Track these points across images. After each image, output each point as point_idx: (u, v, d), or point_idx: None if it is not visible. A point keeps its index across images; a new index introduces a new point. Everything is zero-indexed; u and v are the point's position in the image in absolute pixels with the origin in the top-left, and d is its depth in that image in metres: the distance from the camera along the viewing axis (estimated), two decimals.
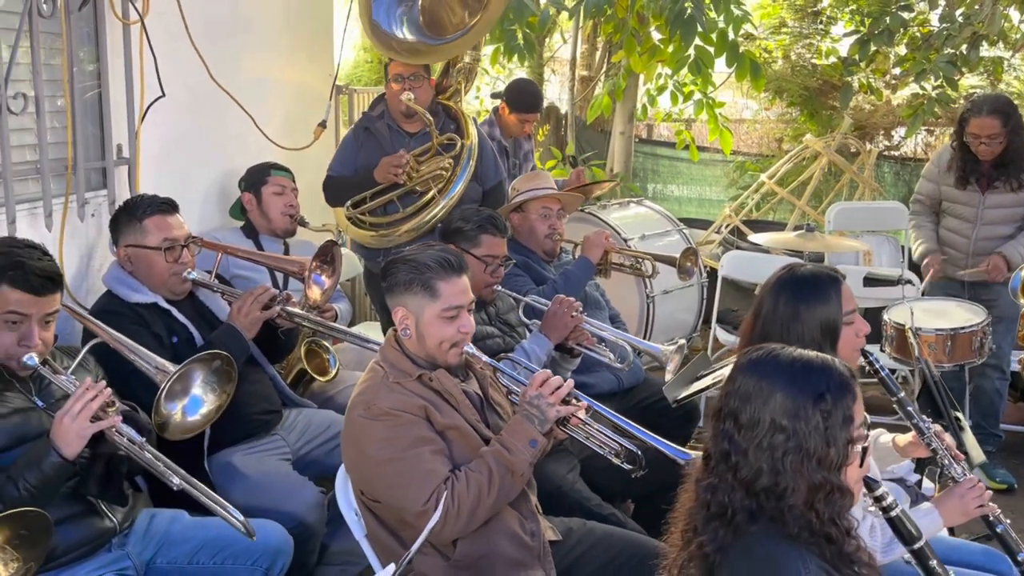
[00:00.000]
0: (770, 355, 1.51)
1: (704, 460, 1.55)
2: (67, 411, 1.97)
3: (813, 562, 1.40)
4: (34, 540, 1.66)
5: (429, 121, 3.57)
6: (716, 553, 1.46)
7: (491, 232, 3.00)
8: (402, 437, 2.03)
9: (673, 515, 1.62)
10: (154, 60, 3.01)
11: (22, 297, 2.06)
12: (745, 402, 1.47)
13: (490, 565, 2.05)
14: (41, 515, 1.65)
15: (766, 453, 1.44)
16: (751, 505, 1.45)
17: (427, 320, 2.14)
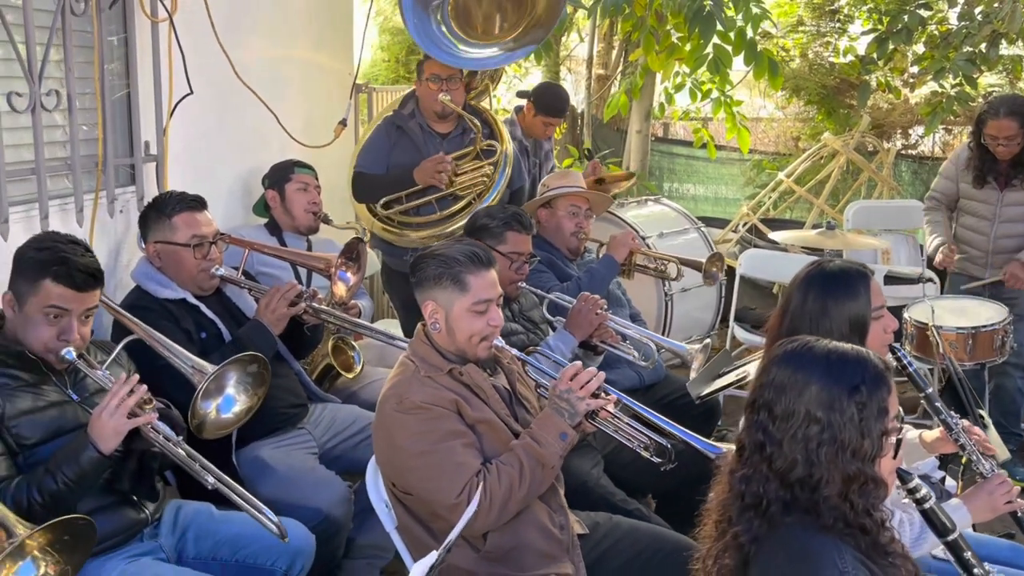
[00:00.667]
0: (805, 347, 1.52)
1: (738, 451, 1.56)
2: (105, 407, 1.99)
3: (848, 553, 1.41)
4: (75, 546, 1.67)
5: (477, 126, 3.59)
6: (751, 544, 1.47)
7: (516, 229, 3.01)
8: (434, 430, 2.05)
9: (706, 506, 1.63)
10: (182, 58, 3.04)
11: (64, 292, 2.08)
12: (780, 393, 1.48)
13: (520, 557, 2.07)
14: (88, 524, 1.66)
15: (800, 444, 1.45)
16: (785, 496, 1.46)
17: (457, 314, 2.16)
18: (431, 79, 3.66)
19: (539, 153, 4.71)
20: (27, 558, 1.63)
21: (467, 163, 3.66)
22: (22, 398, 2.07)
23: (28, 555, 1.62)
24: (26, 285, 2.09)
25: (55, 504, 1.94)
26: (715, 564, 1.51)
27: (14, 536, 1.60)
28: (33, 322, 2.09)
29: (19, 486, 1.95)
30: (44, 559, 1.65)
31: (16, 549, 1.59)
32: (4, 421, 2.02)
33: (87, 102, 2.77)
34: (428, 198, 3.58)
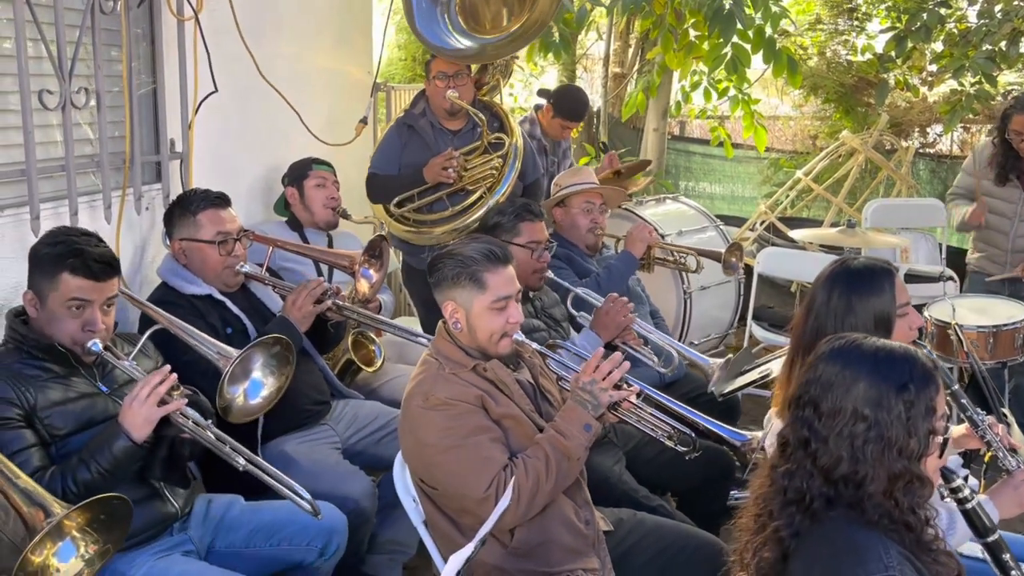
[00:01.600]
0: (853, 344, 1.52)
1: (781, 446, 1.57)
2: (135, 396, 2.02)
3: (894, 548, 1.41)
4: (112, 524, 1.70)
5: (481, 120, 3.60)
6: (792, 538, 1.48)
7: (528, 219, 3.03)
8: (461, 426, 2.06)
9: (743, 499, 1.64)
10: (207, 56, 3.07)
11: (83, 283, 2.11)
12: (827, 390, 1.48)
13: (547, 553, 2.08)
14: (123, 501, 1.69)
15: (847, 441, 1.45)
16: (829, 492, 1.46)
17: (477, 312, 2.17)
18: (438, 76, 3.68)
19: (557, 151, 4.73)
20: (66, 538, 1.65)
21: (476, 157, 3.67)
22: (53, 390, 2.10)
23: (67, 535, 1.65)
24: (45, 281, 2.12)
25: (89, 493, 1.95)
26: (754, 557, 1.52)
27: (52, 515, 1.62)
28: (57, 317, 2.12)
29: (54, 476, 1.98)
30: (83, 539, 1.68)
31: (55, 529, 1.61)
32: (36, 412, 2.05)
33: (114, 100, 2.80)
34: (439, 194, 3.60)
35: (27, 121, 2.36)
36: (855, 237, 4.03)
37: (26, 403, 2.04)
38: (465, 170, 3.56)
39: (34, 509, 1.64)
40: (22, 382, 2.06)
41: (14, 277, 2.47)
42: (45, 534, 1.60)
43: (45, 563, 1.62)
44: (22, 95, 2.34)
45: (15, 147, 2.48)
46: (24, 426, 2.03)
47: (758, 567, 1.51)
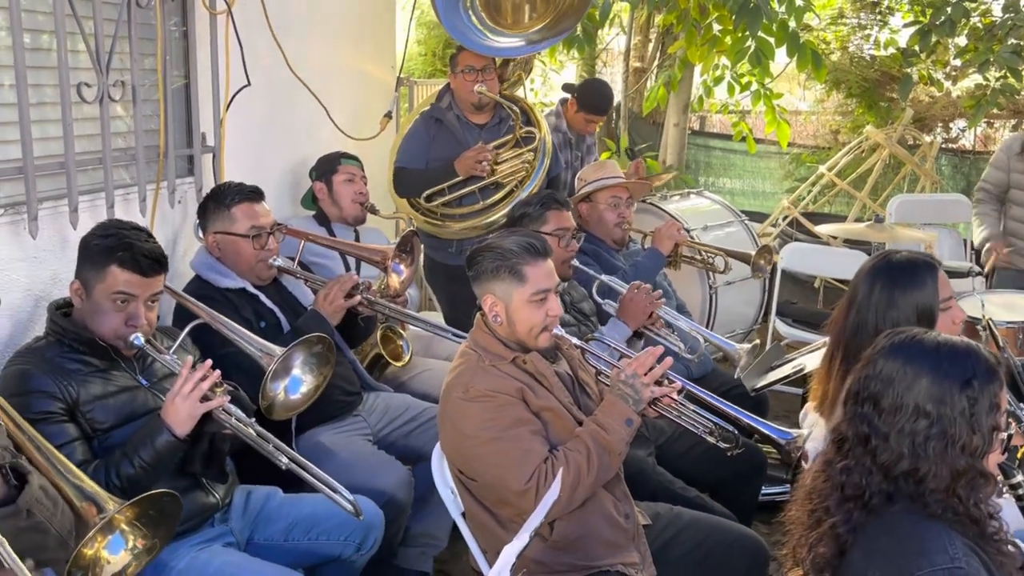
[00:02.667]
0: (914, 339, 1.50)
1: (837, 442, 1.55)
2: (178, 392, 2.03)
3: (958, 539, 1.40)
4: (161, 520, 1.70)
5: (516, 113, 3.60)
6: (849, 534, 1.47)
7: (554, 207, 3.04)
8: (501, 418, 2.06)
9: (793, 495, 1.63)
10: (240, 50, 3.07)
11: (131, 278, 2.12)
12: (887, 386, 1.47)
13: (587, 546, 2.08)
14: (174, 499, 1.69)
15: (908, 438, 1.44)
16: (889, 488, 1.45)
17: (516, 305, 2.17)
18: (466, 71, 3.68)
19: (581, 146, 4.72)
20: (116, 532, 1.66)
21: (506, 151, 3.67)
22: (94, 384, 2.11)
23: (117, 529, 1.66)
24: (93, 272, 2.13)
25: (132, 487, 1.97)
26: (809, 553, 1.51)
27: (105, 511, 1.63)
28: (101, 309, 2.12)
29: (97, 469, 1.99)
30: (132, 533, 1.68)
31: (106, 524, 1.62)
32: (79, 406, 2.06)
33: (147, 93, 2.81)
34: (471, 188, 3.59)
35: (66, 114, 2.37)
36: (882, 232, 4.02)
37: (68, 397, 2.05)
38: (497, 164, 3.56)
39: (87, 504, 1.65)
40: (64, 376, 2.06)
41: (52, 269, 2.49)
42: (98, 529, 1.60)
43: (96, 555, 1.63)
44: (61, 88, 2.35)
45: (52, 140, 2.49)
46: (67, 420, 2.04)
47: (814, 563, 1.50)
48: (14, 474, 1.67)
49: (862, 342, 2.11)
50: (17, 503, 1.61)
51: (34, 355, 2.11)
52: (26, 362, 2.08)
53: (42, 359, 2.09)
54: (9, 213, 2.33)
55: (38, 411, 1.99)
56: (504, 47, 3.61)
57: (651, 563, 2.16)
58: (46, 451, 1.75)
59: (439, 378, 3.33)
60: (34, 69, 2.35)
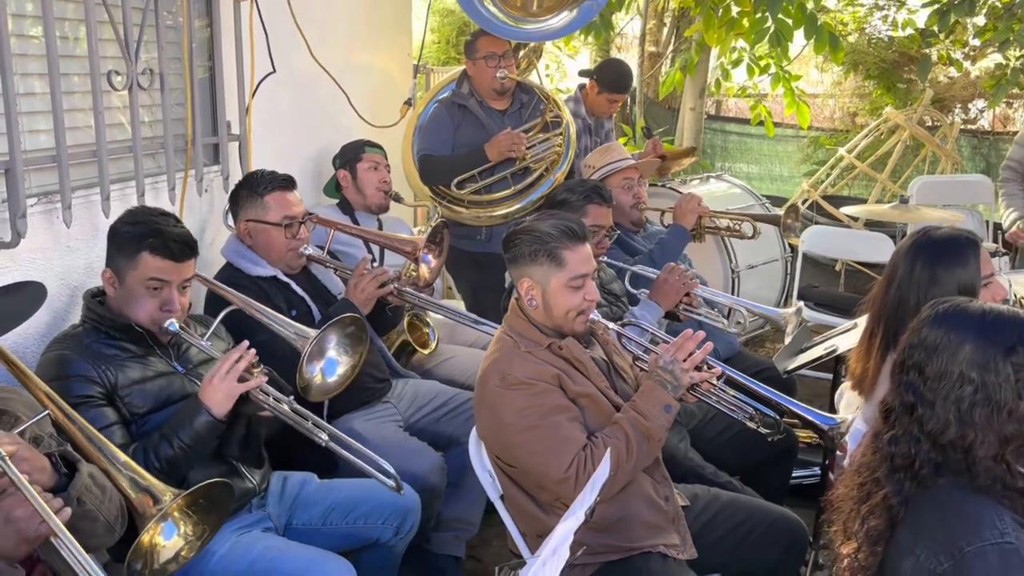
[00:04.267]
0: (958, 307, 1.50)
1: (884, 414, 1.55)
2: (216, 372, 2.03)
3: (1007, 514, 1.40)
4: (211, 508, 1.70)
5: (547, 98, 3.59)
6: (900, 506, 1.46)
7: (597, 202, 3.00)
8: (540, 405, 2.05)
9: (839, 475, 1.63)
10: (265, 37, 3.06)
11: (163, 264, 2.12)
12: (932, 354, 1.47)
13: (627, 528, 2.08)
14: (226, 487, 1.70)
15: (954, 405, 1.44)
16: (937, 458, 1.45)
17: (553, 289, 2.15)
18: (487, 57, 3.66)
19: (600, 132, 4.69)
20: (168, 520, 1.66)
21: (533, 136, 3.66)
22: (132, 369, 2.11)
23: (169, 517, 1.66)
24: (124, 260, 2.12)
25: (172, 468, 1.99)
26: (862, 526, 1.50)
27: (161, 503, 1.63)
28: (135, 296, 2.13)
29: (136, 452, 2.00)
30: (183, 519, 1.69)
31: (163, 515, 1.62)
32: (117, 391, 2.07)
33: (174, 82, 2.80)
34: (503, 173, 3.58)
35: (97, 102, 2.36)
36: (907, 213, 3.98)
37: (107, 381, 2.05)
38: (526, 148, 3.55)
39: (142, 495, 1.65)
40: (102, 361, 2.07)
41: (86, 258, 2.49)
42: (156, 520, 1.60)
43: (152, 541, 1.64)
44: (92, 76, 2.34)
45: (80, 130, 2.49)
46: (105, 404, 2.05)
47: (867, 535, 1.49)
48: (63, 462, 1.68)
49: (903, 320, 2.10)
50: (68, 491, 1.62)
51: (72, 341, 2.12)
52: (64, 347, 2.09)
53: (80, 345, 2.10)
54: (42, 202, 2.33)
55: (78, 395, 2.00)
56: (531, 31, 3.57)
57: (691, 545, 2.16)
58: (97, 440, 1.75)
59: (465, 365, 3.37)
60: (63, 58, 2.34)
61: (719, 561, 2.23)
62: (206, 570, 2.01)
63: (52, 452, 1.67)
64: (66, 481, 1.64)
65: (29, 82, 2.33)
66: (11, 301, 1.67)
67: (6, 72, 2.06)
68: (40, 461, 1.62)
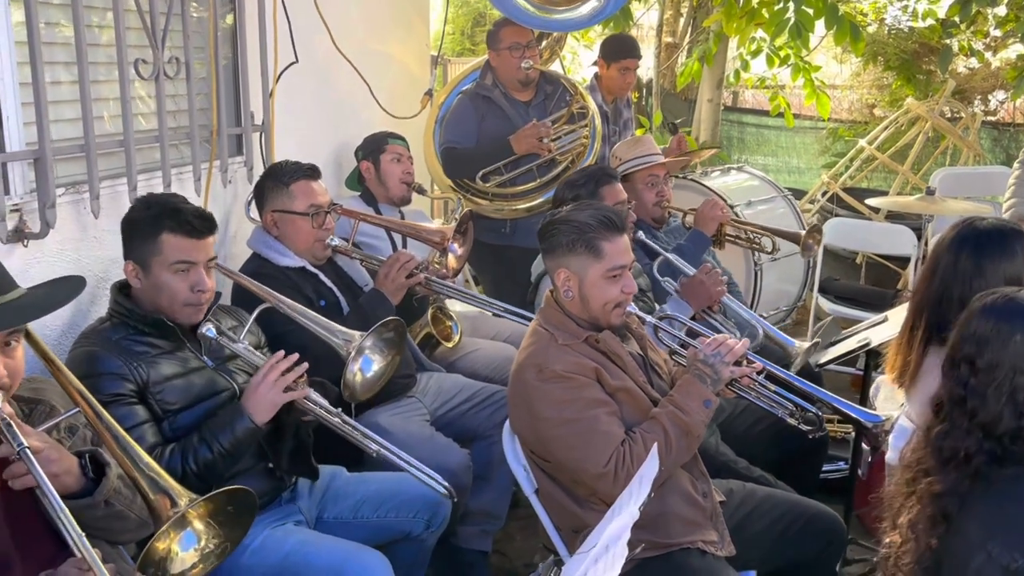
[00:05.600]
0: (1007, 298, 1.49)
1: (935, 409, 1.53)
2: (263, 380, 2.01)
3: None
4: (235, 518, 1.65)
5: (574, 88, 3.55)
6: (951, 497, 1.44)
7: (606, 182, 2.98)
8: (578, 399, 2.02)
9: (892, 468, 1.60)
10: (288, 25, 3.03)
11: (185, 242, 2.07)
12: (983, 346, 1.46)
13: (666, 524, 2.04)
14: (248, 495, 1.65)
15: (1006, 396, 1.43)
16: (995, 449, 1.43)
17: (591, 281, 2.12)
18: (512, 48, 3.62)
19: (618, 121, 4.64)
20: (187, 528, 1.62)
21: (559, 127, 3.62)
22: (164, 365, 2.08)
23: (189, 525, 1.62)
24: (145, 247, 2.08)
25: (208, 472, 1.97)
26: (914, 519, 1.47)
27: (178, 506, 1.59)
28: (164, 282, 2.08)
29: (173, 454, 1.97)
30: (205, 532, 1.63)
31: (179, 519, 1.58)
32: (149, 387, 2.03)
33: (199, 71, 2.76)
34: (529, 166, 3.55)
35: (124, 92, 2.33)
36: (934, 204, 3.93)
37: (139, 378, 2.02)
38: (552, 140, 3.52)
39: (160, 496, 1.60)
40: (133, 358, 2.03)
41: (113, 249, 2.45)
42: (171, 524, 1.56)
43: (168, 548, 1.59)
44: (120, 64, 2.31)
45: (107, 119, 2.46)
46: (137, 402, 2.02)
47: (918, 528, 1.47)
48: (93, 464, 1.65)
49: (946, 312, 2.07)
50: (94, 496, 1.59)
51: (100, 337, 2.08)
52: (93, 344, 2.06)
53: (109, 341, 2.06)
54: (69, 192, 2.30)
55: (108, 393, 1.97)
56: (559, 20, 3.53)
57: (730, 542, 2.12)
58: (123, 441, 1.71)
59: (488, 358, 3.34)
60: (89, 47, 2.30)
61: (756, 557, 2.19)
62: (239, 564, 1.99)
63: (82, 453, 1.65)
64: (92, 486, 1.61)
65: (54, 71, 2.30)
66: (50, 291, 1.64)
67: (36, 61, 2.03)
68: (68, 463, 1.59)
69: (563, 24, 3.65)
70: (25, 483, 1.49)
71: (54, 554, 1.58)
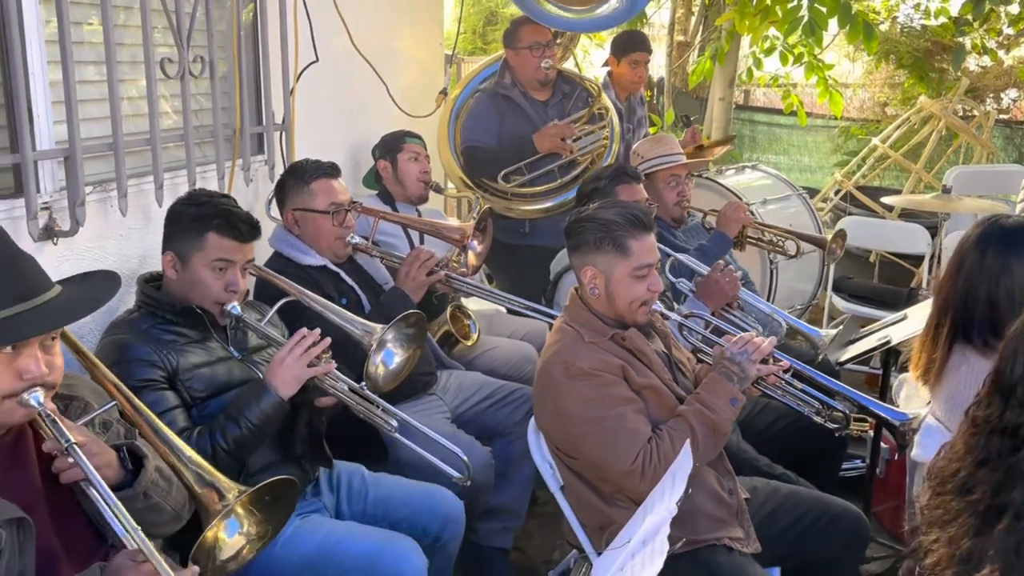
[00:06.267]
0: None
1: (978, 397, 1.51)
2: (289, 353, 2.02)
3: None
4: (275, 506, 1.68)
5: (596, 88, 3.55)
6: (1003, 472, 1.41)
7: (626, 181, 2.99)
8: (605, 397, 2.03)
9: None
10: (309, 25, 3.04)
11: (230, 244, 2.11)
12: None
13: (692, 522, 2.05)
14: (291, 485, 1.68)
15: None
16: None
17: (618, 279, 2.12)
18: (531, 47, 3.62)
19: (632, 119, 4.64)
20: (232, 516, 1.64)
21: (580, 127, 3.63)
22: (192, 353, 2.10)
23: (233, 514, 1.64)
24: (188, 241, 2.11)
25: (239, 449, 1.98)
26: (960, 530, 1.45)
27: (226, 499, 1.61)
28: (200, 278, 2.11)
29: (202, 435, 1.99)
30: (247, 517, 1.67)
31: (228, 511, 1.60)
32: (179, 375, 2.06)
33: (222, 70, 2.78)
34: (551, 166, 3.56)
35: (151, 90, 2.35)
36: (951, 203, 3.93)
37: (169, 365, 2.04)
38: (574, 141, 3.53)
39: (207, 490, 1.63)
40: (162, 346, 2.06)
41: (140, 246, 2.48)
42: (221, 517, 1.59)
43: (216, 537, 1.62)
44: (147, 63, 2.32)
45: (132, 117, 2.48)
46: (167, 388, 2.04)
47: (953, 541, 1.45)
48: (131, 456, 1.67)
49: (972, 309, 2.07)
50: (134, 488, 1.61)
51: (130, 326, 2.11)
52: (123, 332, 2.08)
53: (138, 330, 2.08)
54: (97, 191, 2.31)
55: (139, 378, 1.99)
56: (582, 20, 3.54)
57: (755, 539, 2.13)
58: (163, 434, 1.74)
59: (505, 356, 3.35)
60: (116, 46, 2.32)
61: (780, 554, 2.20)
62: (272, 555, 1.99)
63: (120, 446, 1.67)
64: (131, 478, 1.63)
65: (82, 70, 2.32)
66: (89, 289, 1.65)
67: (67, 60, 2.04)
68: (108, 456, 1.60)
69: (586, 24, 3.66)
70: (73, 476, 1.51)
71: (95, 548, 1.60)
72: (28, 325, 1.47)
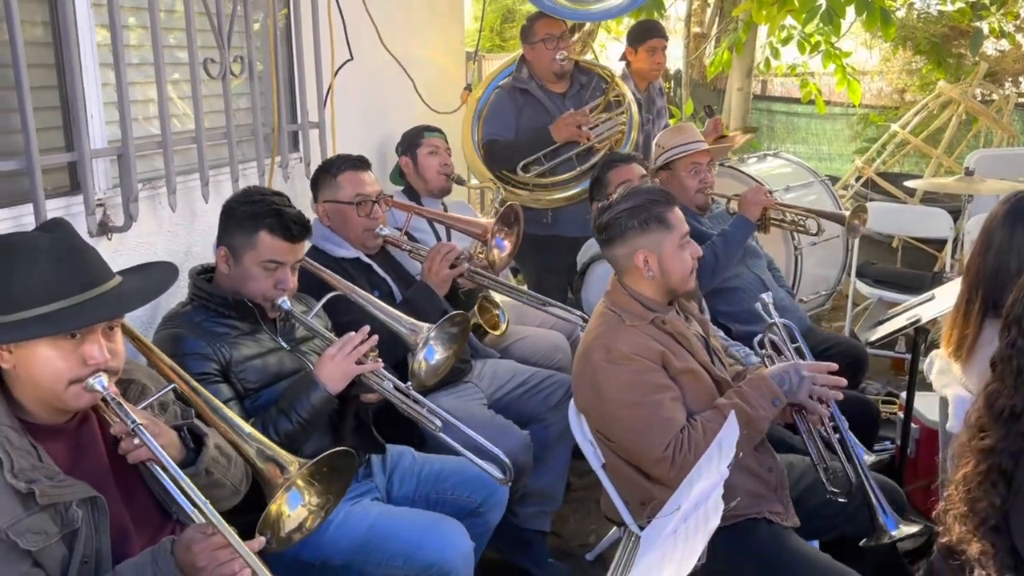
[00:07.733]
0: None
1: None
2: (339, 350, 2.08)
3: None
4: (334, 478, 1.74)
5: (610, 76, 3.60)
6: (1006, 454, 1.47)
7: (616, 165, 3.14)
8: (643, 383, 2.07)
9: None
10: (343, 24, 3.11)
11: (280, 245, 2.16)
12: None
13: (731, 497, 2.07)
14: (349, 455, 1.74)
15: None
16: None
17: (669, 253, 2.18)
18: (545, 40, 3.67)
19: (652, 109, 4.68)
20: (293, 489, 1.71)
21: (597, 115, 3.68)
22: (244, 345, 2.16)
23: (294, 486, 1.71)
24: (241, 239, 2.16)
25: (290, 442, 2.04)
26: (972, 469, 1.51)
27: (287, 472, 1.68)
28: (251, 275, 2.17)
29: (254, 427, 2.04)
30: (307, 489, 1.73)
31: (289, 484, 1.67)
32: (232, 367, 2.11)
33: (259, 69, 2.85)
34: (568, 155, 3.61)
35: (196, 90, 2.42)
36: (974, 184, 3.96)
37: (222, 358, 2.10)
38: (590, 129, 3.59)
39: (269, 465, 1.69)
40: (215, 339, 2.12)
41: (186, 242, 2.55)
42: (283, 490, 1.65)
43: (279, 510, 1.69)
44: (191, 64, 2.40)
45: (177, 117, 2.55)
46: (221, 380, 2.10)
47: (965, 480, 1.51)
48: (191, 436, 1.74)
49: (1003, 284, 2.11)
50: (196, 466, 1.67)
51: (183, 319, 2.17)
52: (177, 326, 2.14)
53: (191, 323, 2.14)
54: (146, 188, 2.39)
55: (194, 372, 2.02)
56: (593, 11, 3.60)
57: (794, 514, 2.17)
58: (222, 412, 1.80)
59: (536, 345, 3.40)
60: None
61: (817, 528, 2.25)
62: (323, 540, 2.07)
63: (180, 425, 1.73)
64: (193, 456, 1.69)
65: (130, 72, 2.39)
66: (148, 278, 1.72)
67: (120, 63, 2.12)
68: (169, 436, 1.67)
69: (596, 14, 3.71)
70: (140, 456, 1.58)
71: (162, 524, 1.67)
72: (93, 312, 1.54)
